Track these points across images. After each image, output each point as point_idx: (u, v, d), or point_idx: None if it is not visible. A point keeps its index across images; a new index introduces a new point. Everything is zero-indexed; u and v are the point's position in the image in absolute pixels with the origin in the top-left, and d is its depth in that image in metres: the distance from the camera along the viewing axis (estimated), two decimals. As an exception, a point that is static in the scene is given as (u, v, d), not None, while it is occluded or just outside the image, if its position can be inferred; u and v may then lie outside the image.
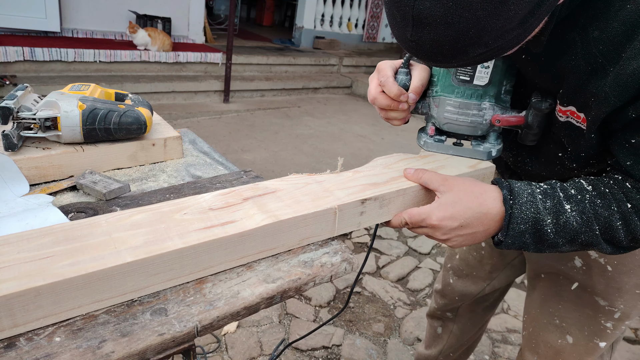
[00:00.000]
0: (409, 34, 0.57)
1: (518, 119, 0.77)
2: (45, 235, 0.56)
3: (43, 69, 4.13)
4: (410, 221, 0.71)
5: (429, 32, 0.55)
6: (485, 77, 0.76)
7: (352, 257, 0.69)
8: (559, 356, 0.97)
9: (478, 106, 0.78)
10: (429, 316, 1.45)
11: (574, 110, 0.70)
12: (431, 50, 0.57)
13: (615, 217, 0.65)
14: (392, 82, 0.77)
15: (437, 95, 0.81)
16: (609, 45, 0.60)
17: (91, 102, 0.84)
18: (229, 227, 0.61)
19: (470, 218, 0.67)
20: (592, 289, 0.89)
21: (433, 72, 0.81)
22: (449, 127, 0.82)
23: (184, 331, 0.52)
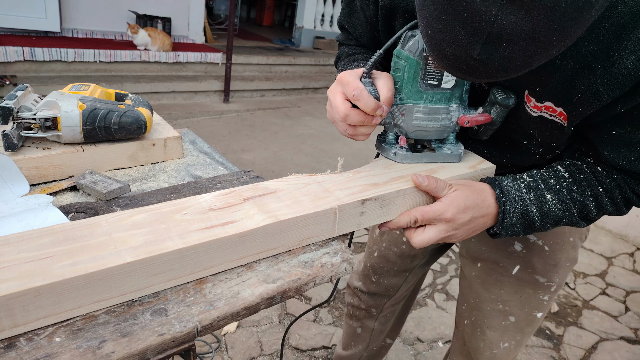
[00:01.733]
0: (476, 52, 0.51)
1: (486, 118, 0.76)
2: (45, 236, 0.56)
3: (43, 69, 4.13)
4: (423, 218, 0.72)
5: (504, 49, 0.50)
6: (451, 80, 0.74)
7: (352, 257, 0.69)
8: (504, 335, 1.03)
9: (446, 109, 0.76)
10: (348, 317, 1.43)
11: (550, 105, 0.71)
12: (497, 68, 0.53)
13: (589, 200, 0.75)
14: (367, 95, 0.69)
15: (403, 103, 0.76)
16: (599, 45, 0.61)
17: (91, 102, 0.84)
18: (229, 227, 0.61)
19: (476, 214, 0.73)
20: (533, 269, 0.97)
21: (395, 79, 0.75)
22: (417, 134, 0.79)
23: (184, 331, 0.52)
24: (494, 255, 0.99)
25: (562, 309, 2.34)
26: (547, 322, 2.23)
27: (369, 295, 1.32)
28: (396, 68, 0.75)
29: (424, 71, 0.72)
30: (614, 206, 0.76)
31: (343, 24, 0.97)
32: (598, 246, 2.98)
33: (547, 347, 2.06)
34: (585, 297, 2.45)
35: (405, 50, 0.71)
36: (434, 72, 0.73)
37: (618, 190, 0.74)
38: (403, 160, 0.81)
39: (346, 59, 0.94)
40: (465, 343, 1.10)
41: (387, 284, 1.27)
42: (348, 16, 0.94)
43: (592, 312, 2.34)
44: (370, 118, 0.72)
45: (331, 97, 0.74)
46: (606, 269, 2.75)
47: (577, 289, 2.52)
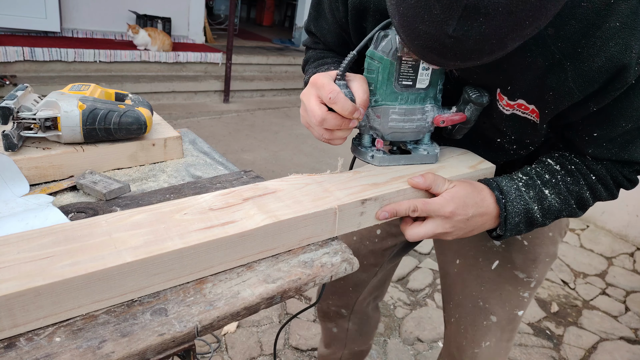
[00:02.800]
0: (451, 29, 0.50)
1: (461, 117, 0.76)
2: (45, 236, 0.56)
3: (43, 69, 4.13)
4: (423, 208, 0.72)
5: (480, 24, 0.49)
6: (426, 80, 0.73)
7: (352, 257, 0.69)
8: (486, 335, 1.03)
9: (422, 110, 0.76)
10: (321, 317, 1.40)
11: (522, 103, 0.72)
12: (472, 48, 0.52)
13: (584, 189, 0.76)
14: (344, 98, 0.67)
15: (378, 105, 0.74)
16: (567, 42, 0.62)
17: (91, 102, 0.84)
18: (229, 227, 0.61)
19: (475, 212, 0.73)
20: (512, 264, 0.97)
21: (368, 81, 0.73)
22: (393, 136, 0.78)
23: (184, 331, 0.52)
24: (473, 251, 0.99)
25: (562, 309, 2.34)
26: (547, 322, 2.23)
27: (338, 296, 1.29)
28: (369, 69, 0.73)
29: (398, 72, 0.71)
30: (607, 192, 0.77)
31: (310, 28, 0.95)
32: (598, 246, 2.98)
33: (547, 347, 2.06)
34: (585, 297, 2.45)
35: (379, 50, 0.70)
36: (408, 72, 0.72)
37: (609, 175, 0.76)
38: (381, 163, 0.80)
39: (315, 63, 0.92)
40: (451, 341, 1.10)
41: (356, 279, 1.24)
42: (315, 20, 0.92)
43: (592, 312, 2.34)
44: (347, 121, 0.70)
45: (305, 100, 0.71)
46: (606, 269, 2.75)
47: (577, 289, 2.52)
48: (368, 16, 0.79)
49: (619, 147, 0.72)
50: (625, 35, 0.59)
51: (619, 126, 0.69)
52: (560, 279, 2.58)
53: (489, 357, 1.04)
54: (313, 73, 0.83)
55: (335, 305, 1.31)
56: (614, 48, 0.60)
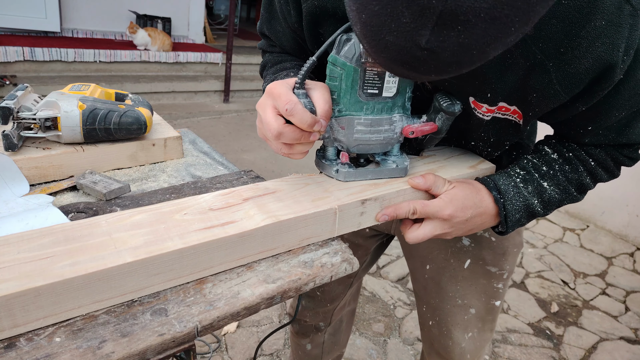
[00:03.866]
0: (424, 40, 0.43)
1: (431, 127, 0.71)
2: (45, 236, 0.56)
3: (43, 69, 4.13)
4: (422, 210, 0.72)
5: (459, 33, 0.42)
6: (393, 87, 0.67)
7: (352, 258, 0.69)
8: (467, 327, 1.03)
9: (389, 120, 0.70)
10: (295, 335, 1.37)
11: (503, 105, 0.70)
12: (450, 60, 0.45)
13: (584, 175, 0.76)
14: (302, 109, 0.60)
15: (342, 115, 0.68)
16: (548, 42, 0.59)
17: (91, 102, 0.84)
18: (229, 227, 0.61)
19: (473, 213, 0.73)
20: (483, 260, 0.97)
21: (331, 89, 0.67)
22: (359, 148, 0.72)
23: (184, 331, 0.52)
24: (444, 254, 0.99)
25: (562, 309, 2.34)
26: (547, 322, 2.23)
27: (315, 312, 1.26)
28: (332, 76, 0.67)
29: (362, 79, 0.65)
30: (608, 174, 0.77)
31: (264, 31, 0.89)
32: (598, 246, 2.98)
33: (547, 347, 2.06)
34: (585, 297, 2.45)
35: (341, 56, 0.64)
36: (373, 80, 0.65)
37: (609, 157, 0.75)
38: (346, 179, 0.74)
39: (273, 68, 0.86)
40: (433, 343, 1.10)
41: (332, 293, 1.22)
42: (268, 22, 0.86)
43: (592, 312, 2.34)
44: (307, 134, 0.64)
45: (261, 111, 0.65)
46: (606, 269, 2.75)
47: (577, 289, 2.52)
48: (325, 21, 0.73)
49: (615, 132, 0.70)
50: (612, 33, 0.57)
51: (612, 116, 0.67)
52: (560, 279, 2.58)
53: (474, 346, 1.05)
54: (271, 80, 0.79)
55: (312, 320, 1.29)
56: (601, 48, 0.57)
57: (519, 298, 2.37)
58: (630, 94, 0.64)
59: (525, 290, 2.44)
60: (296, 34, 0.82)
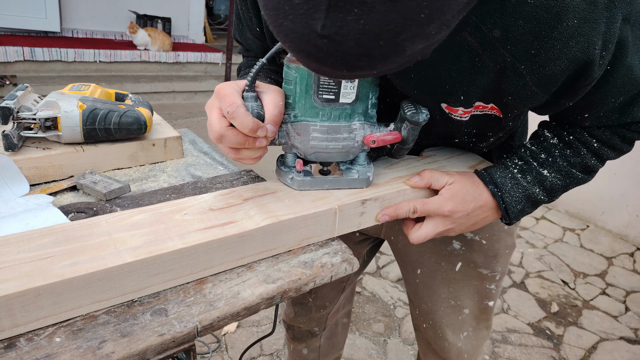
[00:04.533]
0: (319, 25, 0.38)
1: (395, 136, 0.67)
2: (45, 236, 0.56)
3: (43, 69, 4.13)
4: (422, 209, 0.71)
5: (357, 18, 0.37)
6: (352, 93, 0.63)
7: (352, 258, 0.69)
8: (462, 327, 1.03)
9: (348, 128, 0.66)
10: (290, 340, 1.36)
11: (479, 104, 0.67)
12: (354, 50, 0.40)
13: (588, 157, 0.72)
14: (244, 112, 0.58)
15: (297, 120, 0.65)
16: (517, 44, 0.56)
17: (91, 102, 0.84)
18: (229, 227, 0.61)
19: (473, 208, 0.72)
20: (474, 263, 0.96)
21: (286, 93, 0.65)
22: (317, 156, 0.69)
23: (184, 331, 0.52)
24: (435, 257, 0.98)
25: (562, 309, 2.34)
26: (547, 322, 2.23)
27: (309, 318, 1.25)
28: (287, 80, 0.65)
29: (317, 83, 0.62)
30: (615, 152, 0.73)
31: (236, 37, 0.88)
32: (598, 246, 2.98)
33: (547, 347, 2.06)
34: (585, 297, 2.45)
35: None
36: (329, 84, 0.62)
37: (616, 135, 0.71)
38: (300, 187, 0.71)
39: (242, 72, 0.86)
40: (430, 344, 1.10)
41: (325, 299, 1.21)
42: (239, 29, 0.85)
43: (592, 312, 2.34)
44: (251, 140, 0.61)
45: (208, 112, 0.62)
46: (606, 269, 2.75)
47: (577, 289, 2.52)
48: None
49: (618, 113, 0.67)
50: (586, 31, 0.54)
51: (609, 103, 0.64)
52: (560, 279, 2.58)
53: (470, 345, 1.05)
54: None
55: (307, 326, 1.28)
56: (576, 47, 0.55)
57: (519, 298, 2.37)
58: (622, 81, 0.61)
59: (525, 290, 2.44)
60: (260, 39, 0.81)
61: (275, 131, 0.62)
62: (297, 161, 0.70)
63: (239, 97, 0.60)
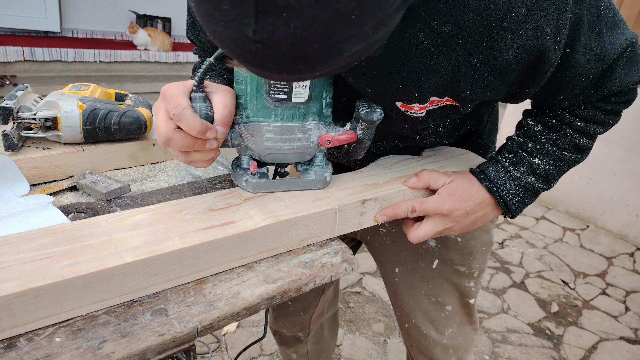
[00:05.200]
0: (250, 31, 0.37)
1: (350, 136, 0.67)
2: (45, 236, 0.56)
3: (43, 69, 4.13)
4: (420, 208, 0.71)
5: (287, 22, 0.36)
6: (304, 92, 0.63)
7: (352, 258, 0.69)
8: (447, 324, 1.03)
9: (302, 128, 0.65)
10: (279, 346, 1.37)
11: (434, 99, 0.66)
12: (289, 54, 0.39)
13: (575, 136, 0.72)
14: (190, 114, 0.56)
15: (250, 121, 0.64)
16: (468, 38, 0.56)
17: (91, 102, 0.84)
18: (230, 227, 0.61)
19: (472, 206, 0.73)
20: (451, 261, 0.96)
21: (238, 93, 0.64)
22: (271, 157, 0.68)
23: (184, 331, 0.52)
24: (412, 255, 0.99)
25: (562, 309, 2.34)
26: (547, 322, 2.23)
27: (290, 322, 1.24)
28: (237, 79, 0.64)
29: (268, 83, 0.61)
30: (601, 126, 0.73)
31: (190, 37, 0.87)
32: (598, 246, 2.98)
33: (547, 347, 2.06)
34: (585, 297, 2.45)
35: None
36: (280, 84, 0.61)
37: (598, 110, 0.71)
38: (255, 190, 0.69)
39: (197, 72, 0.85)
40: (414, 344, 1.09)
41: (304, 302, 1.20)
42: (192, 28, 0.84)
43: (592, 312, 2.34)
44: (201, 142, 0.59)
45: (155, 114, 0.60)
46: (606, 269, 2.75)
47: (577, 289, 2.52)
48: None
49: (594, 88, 0.67)
50: (534, 19, 0.54)
51: (580, 82, 0.64)
52: (560, 279, 2.58)
53: (456, 342, 1.05)
54: None
55: (290, 331, 1.27)
56: (525, 35, 0.55)
57: (519, 298, 2.37)
58: (585, 59, 0.61)
59: (525, 290, 2.44)
60: None
61: (225, 132, 0.60)
62: (251, 163, 0.68)
63: (186, 98, 0.58)
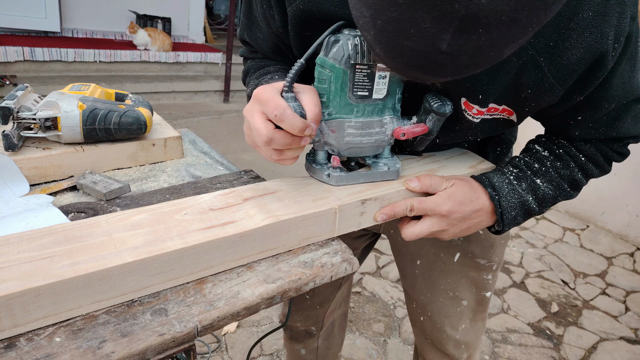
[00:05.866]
0: (445, 44, 0.43)
1: (422, 128, 0.70)
2: (45, 236, 0.56)
3: (43, 69, 4.13)
4: (419, 207, 0.71)
5: (479, 36, 0.42)
6: (383, 89, 0.66)
7: (352, 258, 0.69)
8: (460, 320, 1.04)
9: (380, 122, 0.69)
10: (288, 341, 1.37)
11: (492, 107, 0.70)
12: (467, 62, 0.46)
13: (575, 171, 0.76)
14: (292, 113, 0.59)
15: (332, 118, 0.67)
16: (539, 38, 0.60)
17: (91, 102, 0.84)
18: (229, 227, 0.61)
19: (470, 211, 0.72)
20: (472, 254, 0.98)
21: (320, 92, 0.66)
22: (350, 152, 0.71)
23: (184, 331, 0.52)
24: (433, 249, 1.00)
25: (562, 309, 2.34)
26: (547, 322, 2.23)
27: (305, 316, 1.25)
28: (320, 79, 0.66)
29: (352, 81, 0.64)
30: (598, 169, 0.78)
31: (244, 38, 0.89)
32: (598, 246, 2.98)
33: (547, 347, 2.06)
34: (585, 297, 2.45)
35: (330, 58, 0.63)
36: (363, 82, 0.64)
37: (599, 153, 0.76)
38: (338, 183, 0.73)
39: (256, 73, 0.85)
40: (427, 337, 1.11)
41: (322, 297, 1.22)
42: (248, 29, 0.86)
43: (592, 312, 2.34)
44: (298, 139, 0.62)
45: (249, 117, 0.63)
46: (606, 269, 2.75)
47: (577, 289, 2.52)
48: (311, 24, 0.71)
49: (605, 125, 0.72)
50: (599, 23, 0.59)
51: (602, 108, 0.69)
52: (560, 279, 2.58)
53: (468, 338, 1.06)
54: (255, 85, 0.78)
55: (304, 325, 1.28)
56: (590, 37, 0.59)
57: (519, 298, 2.37)
58: (617, 84, 0.65)
59: (525, 290, 2.44)
60: (279, 39, 0.80)
61: (317, 129, 0.64)
62: (334, 158, 0.72)
63: (283, 99, 0.61)
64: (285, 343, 1.41)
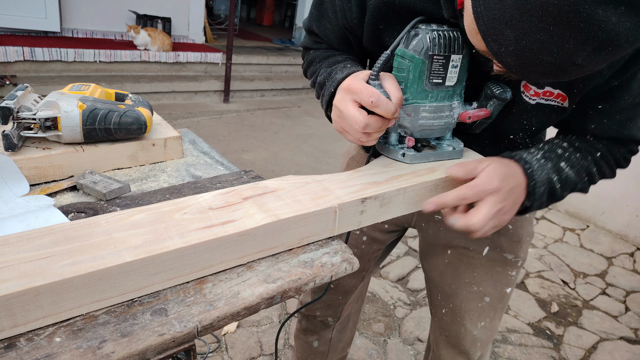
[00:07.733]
0: (580, 59, 0.50)
1: (485, 112, 0.78)
2: (45, 235, 0.56)
3: (43, 69, 4.13)
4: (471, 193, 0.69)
5: (607, 53, 0.50)
6: (454, 77, 0.75)
7: (352, 257, 0.69)
8: (480, 316, 1.05)
9: (449, 107, 0.78)
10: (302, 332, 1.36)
11: (548, 90, 0.74)
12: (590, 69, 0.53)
13: (592, 164, 0.79)
14: (386, 100, 0.66)
15: (408, 103, 0.75)
16: None
17: (91, 102, 0.84)
18: (229, 226, 0.61)
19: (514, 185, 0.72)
20: (501, 248, 1.00)
21: (398, 80, 0.73)
22: (422, 133, 0.79)
23: (184, 331, 0.52)
24: (464, 241, 1.02)
25: (562, 309, 2.34)
26: (547, 322, 2.23)
27: (326, 305, 1.26)
28: (400, 68, 0.74)
29: (429, 70, 0.72)
30: (609, 169, 0.81)
31: (312, 28, 0.94)
32: (598, 246, 2.98)
33: (547, 347, 2.06)
34: (585, 297, 2.45)
35: (410, 49, 0.71)
36: (439, 71, 0.73)
37: (610, 153, 0.80)
38: (412, 161, 0.80)
39: (325, 62, 0.90)
40: (444, 332, 1.11)
41: (346, 286, 1.23)
42: (317, 20, 0.91)
43: (592, 312, 2.34)
44: (387, 122, 0.69)
45: (342, 107, 0.70)
46: (606, 269, 2.75)
47: (577, 289, 2.52)
48: (388, 17, 0.78)
49: (618, 124, 0.75)
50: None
51: (622, 99, 0.72)
52: (560, 279, 2.58)
53: (485, 336, 1.07)
54: (327, 73, 0.83)
55: (323, 315, 1.29)
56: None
57: (519, 298, 2.37)
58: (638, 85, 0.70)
59: (525, 290, 2.44)
60: (348, 31, 0.86)
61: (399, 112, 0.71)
62: (409, 139, 0.80)
63: (374, 88, 0.68)
64: (296, 335, 1.41)
